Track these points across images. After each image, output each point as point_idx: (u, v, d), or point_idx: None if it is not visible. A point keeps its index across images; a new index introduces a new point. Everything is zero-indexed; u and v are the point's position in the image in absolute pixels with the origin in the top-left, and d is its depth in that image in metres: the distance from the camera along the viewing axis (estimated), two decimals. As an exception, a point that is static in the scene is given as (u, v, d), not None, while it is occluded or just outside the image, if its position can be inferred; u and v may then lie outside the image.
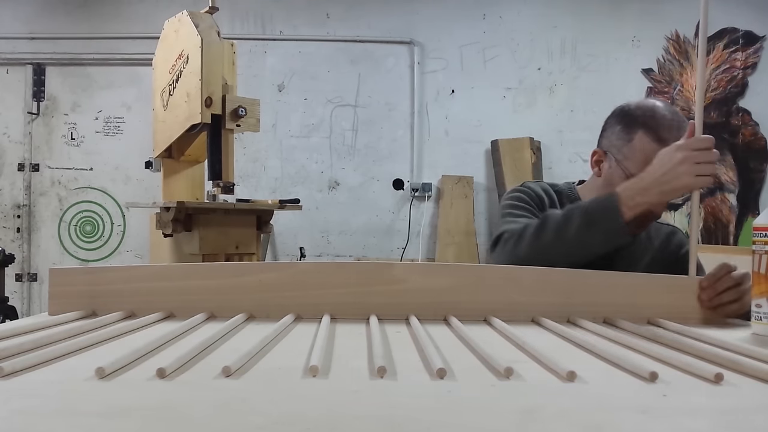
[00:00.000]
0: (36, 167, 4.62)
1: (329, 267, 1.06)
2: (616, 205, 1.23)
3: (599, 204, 1.26)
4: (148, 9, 4.56)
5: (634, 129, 1.40)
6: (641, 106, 1.44)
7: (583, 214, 1.26)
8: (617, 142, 1.43)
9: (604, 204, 1.25)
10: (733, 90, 4.59)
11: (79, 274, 1.04)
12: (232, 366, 0.65)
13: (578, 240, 1.25)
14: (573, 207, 1.31)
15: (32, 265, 4.61)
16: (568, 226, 1.27)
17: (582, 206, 1.29)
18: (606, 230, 1.24)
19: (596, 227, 1.24)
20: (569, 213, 1.29)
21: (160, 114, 3.23)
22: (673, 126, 1.36)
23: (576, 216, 1.27)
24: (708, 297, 1.07)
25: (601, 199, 1.26)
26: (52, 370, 0.66)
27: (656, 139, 1.35)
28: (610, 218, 1.23)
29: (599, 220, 1.24)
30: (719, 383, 0.64)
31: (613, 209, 1.23)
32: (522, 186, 1.58)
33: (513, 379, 0.65)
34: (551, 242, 1.27)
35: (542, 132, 4.55)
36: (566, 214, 1.29)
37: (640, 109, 1.43)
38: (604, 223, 1.24)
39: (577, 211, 1.28)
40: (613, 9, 4.60)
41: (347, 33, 4.61)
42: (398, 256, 4.55)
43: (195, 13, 3.01)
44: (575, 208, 1.30)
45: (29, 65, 4.57)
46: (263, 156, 4.62)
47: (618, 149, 1.43)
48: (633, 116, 1.42)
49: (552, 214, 1.32)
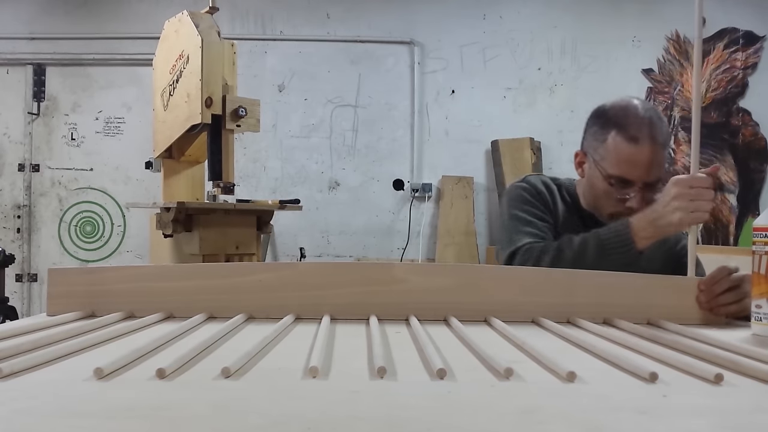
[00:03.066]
0: (36, 167, 4.62)
1: (329, 267, 1.06)
2: (629, 236, 1.29)
3: (614, 235, 1.31)
4: (148, 9, 4.56)
5: (608, 129, 1.41)
6: (615, 105, 1.45)
7: (599, 245, 1.32)
8: (594, 142, 1.45)
9: (618, 236, 1.30)
10: (733, 90, 4.59)
11: (78, 274, 1.04)
12: (231, 366, 0.65)
13: (594, 267, 1.27)
14: (588, 237, 1.35)
15: (32, 266, 4.61)
16: (585, 255, 1.33)
17: (598, 236, 1.34)
18: (620, 258, 1.29)
19: (612, 257, 1.30)
20: (585, 242, 1.34)
21: (160, 114, 3.23)
22: (644, 123, 1.37)
23: (591, 246, 1.33)
24: (706, 299, 1.07)
25: (615, 231, 1.31)
26: (51, 371, 0.66)
27: (628, 138, 1.37)
28: (624, 249, 1.30)
29: (614, 250, 1.31)
30: (719, 384, 0.64)
31: (627, 241, 1.29)
32: (523, 182, 1.57)
33: (513, 379, 0.65)
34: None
35: (542, 132, 4.55)
36: (582, 244, 1.34)
37: (614, 108, 1.44)
38: (619, 252, 1.30)
39: (592, 241, 1.33)
40: (613, 9, 4.60)
41: (347, 33, 4.61)
42: (398, 257, 4.55)
43: (195, 13, 3.01)
44: (590, 237, 1.34)
45: (29, 65, 4.57)
46: (263, 156, 4.62)
47: (595, 149, 1.44)
48: (607, 116, 1.43)
49: (569, 241, 1.36)
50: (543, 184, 1.56)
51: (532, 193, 1.53)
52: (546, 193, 1.54)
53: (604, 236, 1.32)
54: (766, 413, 0.57)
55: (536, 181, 1.56)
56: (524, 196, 1.52)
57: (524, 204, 1.51)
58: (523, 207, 1.51)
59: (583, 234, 1.38)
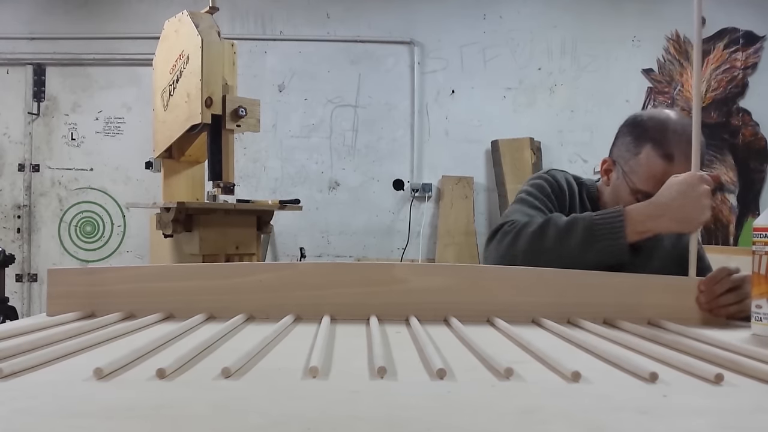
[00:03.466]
0: (36, 168, 4.62)
1: (329, 267, 1.06)
2: (622, 225, 1.21)
3: (605, 220, 1.23)
4: (148, 9, 4.56)
5: (643, 143, 1.35)
6: (653, 117, 1.39)
7: (588, 227, 1.24)
8: (626, 153, 1.39)
9: (610, 222, 1.22)
10: (733, 90, 4.59)
11: (78, 274, 1.04)
12: (231, 367, 0.65)
13: (577, 251, 1.22)
14: (578, 217, 1.27)
15: (32, 266, 4.61)
16: (570, 235, 1.24)
17: (588, 219, 1.25)
18: (606, 247, 1.22)
19: (598, 243, 1.22)
20: (573, 222, 1.26)
21: (160, 114, 3.23)
22: (681, 141, 1.29)
23: (580, 227, 1.24)
24: (706, 299, 1.07)
25: (609, 216, 1.23)
26: (50, 371, 0.66)
27: (664, 156, 1.30)
28: (613, 237, 1.21)
29: (602, 237, 1.22)
30: (719, 383, 0.64)
31: (619, 229, 1.21)
32: (547, 174, 1.52)
33: (513, 379, 0.65)
34: (550, 248, 1.24)
35: (542, 132, 4.54)
36: (570, 222, 1.26)
37: (652, 121, 1.37)
38: (607, 240, 1.21)
39: (582, 222, 1.25)
40: (613, 9, 4.59)
41: (347, 33, 4.61)
42: (398, 257, 4.55)
43: (195, 13, 3.01)
44: (581, 218, 1.26)
45: (29, 65, 4.57)
46: (263, 156, 4.62)
47: (626, 161, 1.39)
48: (643, 128, 1.37)
49: (556, 219, 1.28)
50: (566, 181, 1.50)
51: (553, 187, 1.47)
52: (566, 191, 1.48)
53: (595, 221, 1.23)
54: (766, 413, 0.57)
55: (560, 176, 1.51)
56: (543, 185, 1.47)
57: (539, 192, 1.46)
58: (536, 194, 1.45)
59: (574, 214, 1.30)
